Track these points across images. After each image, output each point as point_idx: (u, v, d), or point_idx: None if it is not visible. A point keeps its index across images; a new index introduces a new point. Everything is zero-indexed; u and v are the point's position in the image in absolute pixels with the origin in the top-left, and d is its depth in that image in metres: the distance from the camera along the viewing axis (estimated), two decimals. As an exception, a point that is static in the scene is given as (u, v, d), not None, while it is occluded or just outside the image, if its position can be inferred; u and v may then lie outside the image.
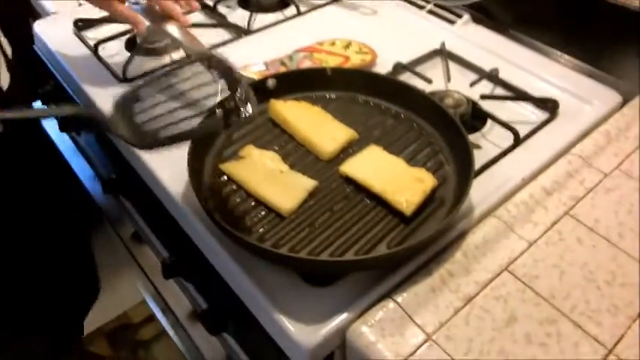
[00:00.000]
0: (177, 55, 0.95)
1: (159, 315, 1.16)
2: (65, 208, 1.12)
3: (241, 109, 0.61)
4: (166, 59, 0.96)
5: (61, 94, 0.98)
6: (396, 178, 0.68)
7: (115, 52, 0.97)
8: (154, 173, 0.74)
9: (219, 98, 0.64)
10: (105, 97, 0.86)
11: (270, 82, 0.80)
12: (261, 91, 0.79)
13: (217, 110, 0.62)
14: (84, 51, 0.96)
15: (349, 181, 0.70)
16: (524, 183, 0.72)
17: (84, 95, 0.88)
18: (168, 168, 0.73)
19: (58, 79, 0.99)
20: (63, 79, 0.96)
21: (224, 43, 0.99)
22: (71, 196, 1.15)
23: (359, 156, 0.72)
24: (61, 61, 0.94)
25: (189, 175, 0.65)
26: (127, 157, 0.81)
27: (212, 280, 0.68)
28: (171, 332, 1.07)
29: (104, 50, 0.96)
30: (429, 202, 0.67)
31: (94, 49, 0.95)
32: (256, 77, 0.80)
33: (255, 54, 0.94)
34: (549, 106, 0.84)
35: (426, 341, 0.55)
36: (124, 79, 0.89)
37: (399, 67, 0.91)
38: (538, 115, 0.84)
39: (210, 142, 0.74)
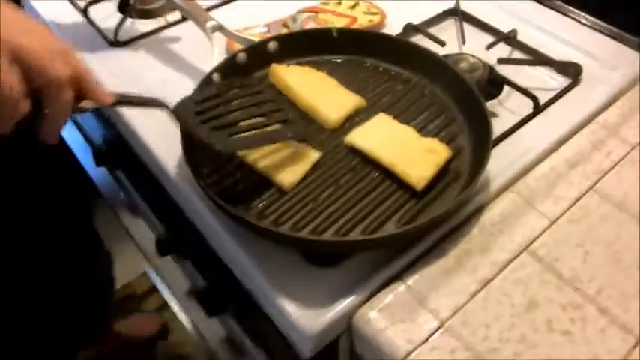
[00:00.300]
0: (173, 16, 0.89)
1: (160, 287, 1.13)
2: (66, 193, 1.07)
3: None
4: (161, 21, 0.90)
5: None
6: (406, 149, 0.63)
7: (108, 15, 0.91)
8: (146, 143, 0.69)
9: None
10: (95, 63, 0.81)
11: (272, 45, 0.74)
12: (262, 54, 0.73)
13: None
14: (73, 13, 0.90)
15: (356, 152, 0.65)
16: (545, 155, 0.67)
17: (73, 60, 0.83)
18: (163, 137, 0.68)
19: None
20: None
21: (222, 4, 0.92)
22: (70, 178, 1.09)
23: (366, 125, 0.67)
24: (49, 24, 0.88)
25: (183, 146, 0.60)
26: (119, 127, 0.76)
27: (209, 258, 0.64)
28: (173, 306, 1.05)
29: (95, 12, 0.90)
30: (443, 175, 0.62)
31: (84, 11, 0.89)
32: (256, 39, 0.74)
33: (256, 15, 0.87)
34: (571, 70, 0.78)
35: (439, 327, 0.51)
36: (115, 44, 0.84)
37: (409, 29, 0.85)
38: (559, 80, 0.78)
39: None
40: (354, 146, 0.65)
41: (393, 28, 0.86)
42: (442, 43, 0.82)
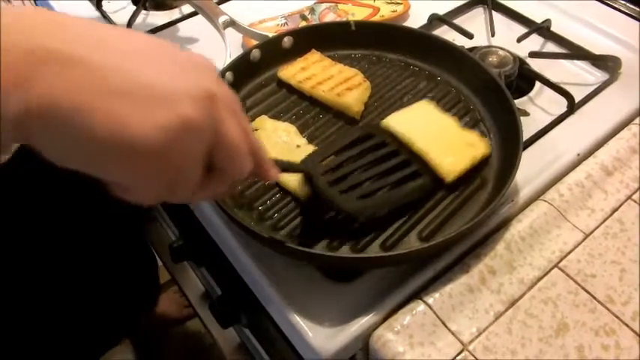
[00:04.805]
0: (188, 8, 0.86)
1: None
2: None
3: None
4: (175, 13, 0.87)
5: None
6: (443, 138, 0.59)
7: (121, 7, 0.88)
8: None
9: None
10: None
11: (286, 41, 0.70)
12: (277, 50, 0.70)
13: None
14: (87, 5, 0.88)
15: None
16: (580, 159, 0.62)
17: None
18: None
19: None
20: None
21: (238, -6, 0.89)
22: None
23: (407, 110, 0.63)
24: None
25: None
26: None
27: (223, 267, 0.62)
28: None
29: (109, 4, 0.88)
30: (468, 181, 0.58)
31: (97, 3, 0.86)
32: (270, 35, 0.71)
33: (272, 6, 0.84)
34: (610, 65, 0.72)
35: (461, 352, 0.48)
36: (128, 38, 0.81)
37: (435, 20, 0.80)
38: (596, 75, 0.73)
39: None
40: (390, 130, 0.61)
41: (417, 18, 0.81)
42: (470, 35, 0.77)
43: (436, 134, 0.60)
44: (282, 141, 0.62)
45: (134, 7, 0.83)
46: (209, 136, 0.31)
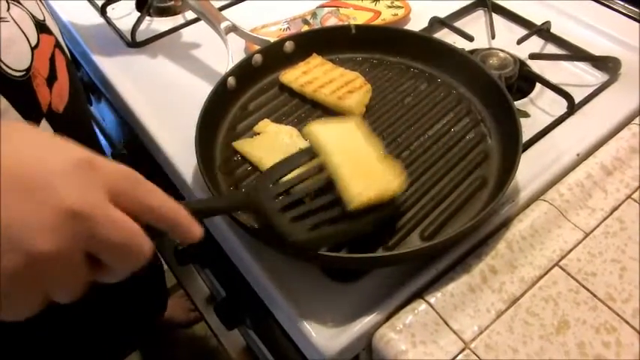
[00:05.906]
0: (191, 14, 0.87)
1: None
2: None
3: None
4: (179, 19, 0.88)
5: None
6: (361, 163, 0.52)
7: (125, 13, 0.89)
8: (161, 148, 0.67)
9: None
10: (113, 66, 0.79)
11: (288, 45, 0.71)
12: (278, 55, 0.71)
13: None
14: (91, 12, 0.89)
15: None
16: (580, 160, 0.62)
17: (91, 63, 0.82)
18: (178, 140, 0.67)
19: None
20: (70, 44, 0.89)
21: (240, 1, 0.90)
22: None
23: (334, 122, 0.56)
24: (66, 23, 0.87)
25: (198, 152, 0.58)
26: (136, 131, 0.74)
27: (227, 269, 0.62)
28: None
29: (113, 11, 0.89)
30: (470, 182, 0.59)
31: (102, 10, 0.88)
32: (272, 39, 0.72)
33: (275, 11, 0.85)
34: (610, 66, 0.73)
35: (463, 350, 0.49)
36: (132, 44, 0.82)
37: (435, 23, 0.81)
38: (596, 76, 0.73)
39: (222, 114, 0.66)
40: (311, 136, 0.54)
41: (418, 22, 0.82)
42: (470, 38, 0.77)
43: (355, 157, 0.52)
44: (284, 144, 0.63)
45: (138, 14, 0.84)
46: (75, 253, 0.30)
